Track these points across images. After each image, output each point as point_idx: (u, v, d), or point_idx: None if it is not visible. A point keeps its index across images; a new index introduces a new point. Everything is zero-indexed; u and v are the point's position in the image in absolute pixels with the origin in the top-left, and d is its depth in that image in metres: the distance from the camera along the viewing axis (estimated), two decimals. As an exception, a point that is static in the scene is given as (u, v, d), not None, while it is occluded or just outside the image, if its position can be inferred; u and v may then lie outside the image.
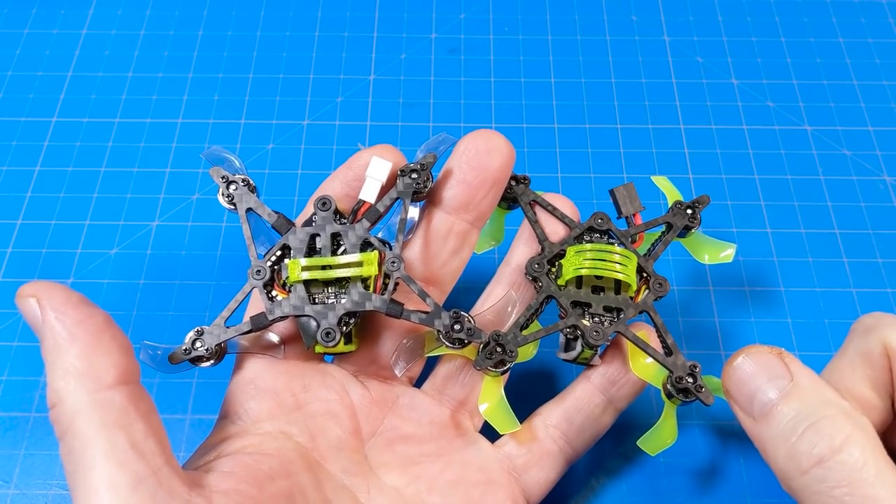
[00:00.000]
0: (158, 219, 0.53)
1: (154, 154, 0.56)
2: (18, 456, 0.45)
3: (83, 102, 0.59)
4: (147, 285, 0.51)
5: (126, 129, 0.57)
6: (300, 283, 0.35)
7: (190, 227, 0.53)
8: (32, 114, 0.58)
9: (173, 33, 0.63)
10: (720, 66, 0.61)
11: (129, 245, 0.52)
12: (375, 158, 0.37)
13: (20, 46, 0.62)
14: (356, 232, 0.36)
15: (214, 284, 0.51)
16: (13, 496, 0.44)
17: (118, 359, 0.29)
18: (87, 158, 0.56)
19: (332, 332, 0.35)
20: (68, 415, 0.28)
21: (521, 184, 0.41)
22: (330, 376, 0.37)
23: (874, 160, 0.56)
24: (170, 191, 0.55)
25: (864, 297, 0.51)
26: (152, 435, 0.28)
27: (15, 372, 0.47)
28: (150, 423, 0.28)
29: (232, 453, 0.32)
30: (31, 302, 0.29)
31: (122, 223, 0.53)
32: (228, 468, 0.31)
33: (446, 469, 0.37)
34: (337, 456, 0.35)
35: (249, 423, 0.34)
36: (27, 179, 0.55)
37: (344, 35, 0.63)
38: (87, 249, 0.52)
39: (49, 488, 0.44)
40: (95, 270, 0.51)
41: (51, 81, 0.60)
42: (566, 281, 0.39)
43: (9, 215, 0.53)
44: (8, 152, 0.56)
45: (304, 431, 0.35)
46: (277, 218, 0.37)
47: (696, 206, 0.41)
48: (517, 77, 0.61)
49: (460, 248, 0.39)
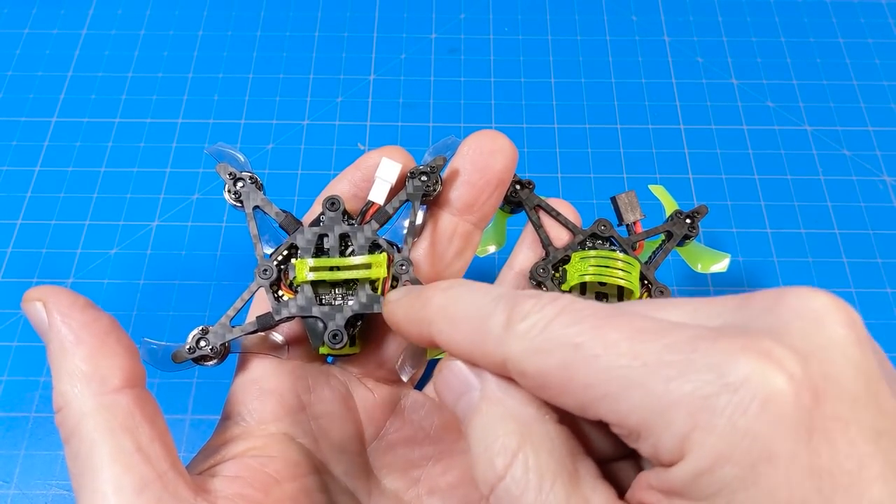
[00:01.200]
0: (158, 219, 0.53)
1: (154, 154, 0.56)
2: (18, 456, 0.45)
3: (83, 102, 0.59)
4: (147, 285, 0.51)
5: (126, 129, 0.57)
6: (307, 284, 0.35)
7: (190, 227, 0.53)
8: (32, 114, 0.58)
9: (173, 33, 0.63)
10: (720, 66, 0.61)
11: (129, 245, 0.52)
12: (385, 160, 0.36)
13: (20, 46, 0.62)
14: (365, 233, 0.36)
15: (214, 284, 0.51)
16: (13, 496, 0.44)
17: (124, 362, 0.29)
18: (87, 158, 0.56)
19: (340, 334, 0.35)
20: (74, 418, 0.28)
21: (526, 188, 0.41)
22: (334, 378, 0.37)
23: (874, 160, 0.57)
24: (170, 191, 0.54)
25: (863, 296, 0.51)
26: (158, 438, 0.28)
27: (15, 372, 0.47)
28: (155, 426, 0.28)
29: (237, 456, 0.32)
30: (37, 306, 0.29)
31: (122, 223, 0.53)
32: (234, 472, 0.31)
33: (447, 472, 0.37)
34: (340, 458, 0.35)
35: (253, 424, 0.34)
36: (27, 179, 0.55)
37: (344, 35, 0.63)
38: (87, 249, 0.52)
39: (49, 488, 0.44)
40: (95, 270, 0.51)
41: (51, 81, 0.60)
42: (570, 287, 0.39)
43: (9, 215, 0.53)
44: (8, 152, 0.56)
45: (307, 433, 0.35)
46: (285, 217, 0.36)
47: (694, 216, 0.41)
48: (517, 77, 0.61)
49: (464, 250, 0.39)
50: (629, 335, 0.22)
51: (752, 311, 0.23)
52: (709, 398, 0.21)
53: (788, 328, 0.22)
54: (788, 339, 0.22)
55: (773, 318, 0.22)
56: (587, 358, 0.22)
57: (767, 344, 0.21)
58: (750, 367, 0.21)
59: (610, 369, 0.22)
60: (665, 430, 0.21)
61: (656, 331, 0.22)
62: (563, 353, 0.23)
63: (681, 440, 0.21)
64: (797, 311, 0.22)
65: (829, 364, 0.21)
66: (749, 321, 0.23)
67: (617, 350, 0.22)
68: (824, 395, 0.21)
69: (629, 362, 0.22)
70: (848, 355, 0.22)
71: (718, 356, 0.21)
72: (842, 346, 0.22)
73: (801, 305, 0.22)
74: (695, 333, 0.22)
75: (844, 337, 0.22)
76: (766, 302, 0.23)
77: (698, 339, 0.22)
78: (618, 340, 0.22)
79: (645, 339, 0.22)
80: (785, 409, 0.20)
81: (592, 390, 0.22)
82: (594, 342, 0.22)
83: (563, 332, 0.23)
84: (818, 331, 0.22)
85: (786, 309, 0.23)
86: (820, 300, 0.22)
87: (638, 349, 0.22)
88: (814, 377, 0.21)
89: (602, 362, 0.22)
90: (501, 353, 0.24)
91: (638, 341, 0.22)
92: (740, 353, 0.21)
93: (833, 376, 0.21)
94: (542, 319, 0.24)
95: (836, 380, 0.21)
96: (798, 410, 0.20)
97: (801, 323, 0.22)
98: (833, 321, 0.22)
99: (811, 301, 0.22)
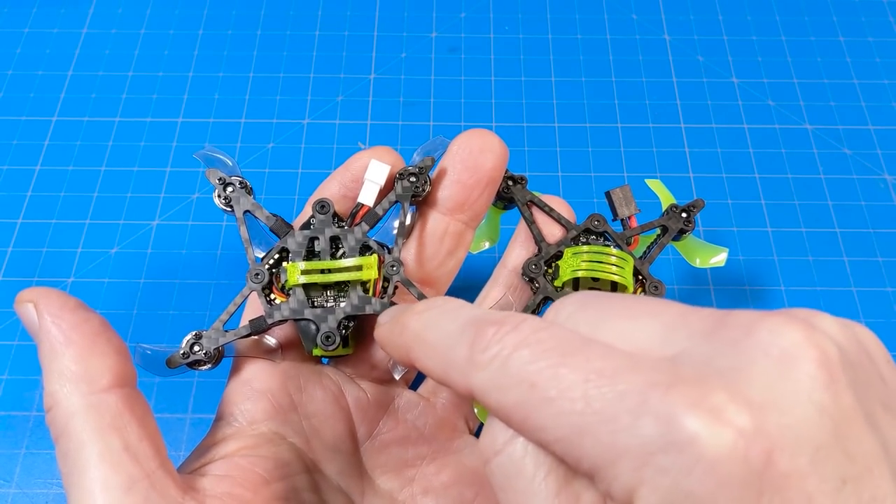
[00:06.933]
0: (159, 218, 0.53)
1: (154, 153, 0.56)
2: (19, 455, 0.45)
3: (83, 101, 0.59)
4: (147, 285, 0.51)
5: (126, 128, 0.57)
6: (299, 287, 0.35)
7: (190, 227, 0.53)
8: (33, 113, 0.58)
9: (173, 32, 0.63)
10: (721, 64, 0.61)
11: (130, 244, 0.52)
12: (374, 161, 0.36)
13: (20, 45, 0.62)
14: (355, 235, 0.36)
15: (214, 284, 0.51)
16: (14, 495, 0.44)
17: (113, 362, 0.29)
18: (87, 157, 0.56)
19: (332, 336, 0.35)
20: (63, 417, 0.28)
21: (519, 184, 0.41)
22: (326, 377, 0.37)
23: (874, 159, 0.56)
24: (170, 190, 0.55)
25: (864, 295, 0.51)
26: (147, 438, 0.28)
27: (15, 371, 0.48)
28: (144, 426, 0.29)
29: (227, 456, 0.32)
30: (28, 307, 0.29)
31: (123, 222, 0.53)
32: (223, 471, 0.31)
33: (441, 471, 0.37)
34: (332, 458, 0.35)
35: (245, 424, 0.34)
36: (27, 179, 0.55)
37: (344, 34, 0.63)
38: (88, 249, 0.52)
39: (49, 487, 0.44)
40: (95, 270, 0.51)
41: (51, 80, 0.60)
42: (563, 282, 0.39)
43: (9, 215, 0.53)
44: (8, 151, 0.56)
45: (299, 433, 0.35)
46: (275, 220, 0.36)
47: (690, 210, 0.41)
48: (517, 76, 0.61)
49: (456, 249, 0.39)
50: (584, 377, 0.22)
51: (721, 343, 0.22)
52: (654, 455, 0.20)
53: (751, 371, 0.21)
54: (747, 386, 0.21)
55: (739, 356, 0.21)
56: (541, 400, 0.22)
57: (720, 398, 0.20)
58: (698, 424, 0.20)
59: (562, 415, 0.21)
60: (613, 480, 0.21)
61: (612, 374, 0.21)
62: (520, 392, 0.22)
63: (628, 492, 0.20)
64: (765, 349, 0.21)
65: (789, 413, 0.20)
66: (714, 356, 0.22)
67: (571, 395, 0.21)
68: (780, 449, 0.19)
69: (582, 409, 0.21)
70: (814, 399, 0.20)
71: (668, 409, 0.20)
72: (808, 390, 0.20)
73: (770, 342, 0.21)
74: (649, 381, 0.21)
75: (812, 379, 0.21)
76: (737, 332, 0.22)
77: (652, 387, 0.21)
78: (573, 384, 0.22)
79: (600, 383, 0.21)
80: (731, 470, 0.19)
81: (546, 433, 0.22)
82: (550, 383, 0.22)
83: (520, 369, 0.23)
84: (782, 374, 0.21)
85: (754, 345, 0.21)
86: (791, 336, 0.21)
87: (591, 394, 0.21)
88: (768, 432, 0.20)
89: (555, 407, 0.22)
90: (466, 385, 0.24)
91: (593, 385, 0.21)
92: (690, 409, 0.20)
93: (792, 426, 0.20)
94: (503, 351, 0.23)
95: (796, 430, 0.20)
96: (746, 471, 0.19)
97: (765, 364, 0.21)
98: (803, 360, 0.21)
99: (782, 337, 0.21)
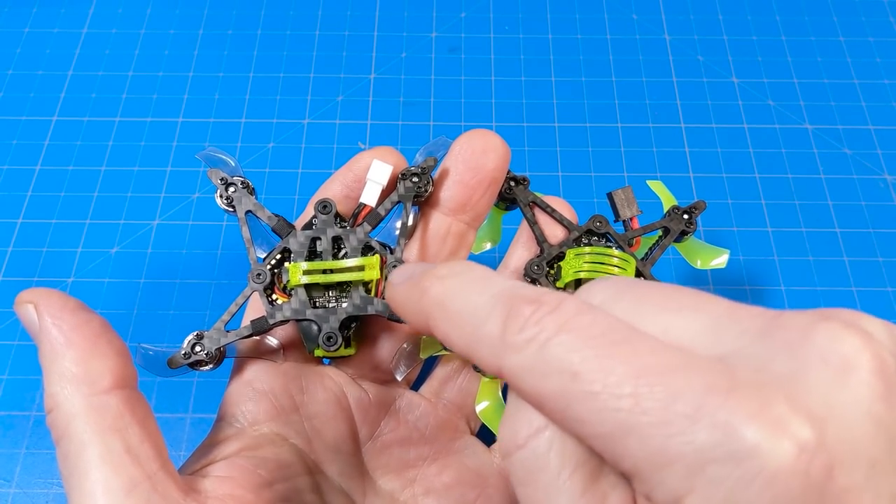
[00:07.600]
0: (159, 218, 0.53)
1: (154, 153, 0.56)
2: (19, 455, 0.45)
3: (83, 101, 0.59)
4: (147, 284, 0.51)
5: (126, 128, 0.57)
6: (301, 287, 0.35)
7: (190, 226, 0.53)
8: (33, 113, 0.58)
9: (174, 32, 0.63)
10: (721, 64, 0.61)
11: (130, 244, 0.52)
12: (376, 162, 0.36)
13: (21, 45, 0.62)
14: (357, 235, 0.36)
15: (215, 284, 0.51)
16: (14, 495, 0.44)
17: (114, 363, 0.29)
18: (87, 157, 0.56)
19: (334, 337, 0.35)
20: (64, 419, 0.28)
21: (521, 185, 0.41)
22: (328, 378, 0.37)
23: (875, 159, 0.56)
24: (170, 190, 0.55)
25: (864, 295, 0.51)
26: (148, 439, 0.28)
27: (15, 371, 0.48)
28: (145, 427, 0.28)
29: (228, 457, 0.32)
30: (28, 308, 0.29)
31: (123, 222, 0.53)
32: (225, 472, 0.31)
33: (442, 472, 0.37)
34: (334, 459, 0.35)
35: (246, 425, 0.34)
36: (28, 178, 0.55)
37: (344, 34, 0.63)
38: (88, 249, 0.52)
39: (50, 487, 0.44)
40: (96, 270, 0.51)
41: (51, 80, 0.60)
42: (565, 283, 0.39)
43: (9, 214, 0.53)
44: (8, 151, 0.56)
45: (301, 434, 0.35)
46: (277, 221, 0.36)
47: (692, 212, 0.41)
48: (518, 76, 0.61)
49: (458, 250, 0.39)
50: (634, 372, 0.20)
51: (775, 344, 0.21)
52: (709, 464, 0.19)
53: (809, 379, 0.20)
54: (807, 395, 0.20)
55: (796, 361, 0.20)
56: (585, 393, 0.20)
57: (781, 409, 0.19)
58: (760, 436, 0.19)
59: (607, 411, 0.20)
60: (659, 484, 0.20)
61: (664, 372, 0.20)
62: (560, 381, 0.21)
63: (674, 499, 0.19)
64: (823, 356, 0.20)
65: (848, 426, 0.19)
66: (770, 359, 0.21)
67: (618, 391, 0.20)
68: (839, 464, 0.19)
69: (630, 407, 0.20)
70: (872, 412, 0.19)
71: (727, 417, 0.19)
72: (867, 402, 0.20)
73: (828, 349, 0.20)
74: (705, 384, 0.20)
75: (871, 390, 0.20)
76: (793, 334, 0.21)
77: (709, 391, 0.19)
78: (620, 379, 0.20)
79: (651, 381, 0.20)
80: (792, 484, 0.18)
81: (586, 427, 0.21)
82: (594, 376, 0.20)
83: (562, 356, 0.21)
84: (842, 384, 0.20)
85: (811, 350, 0.20)
86: (850, 343, 0.20)
87: (641, 393, 0.20)
88: (829, 445, 0.19)
89: (600, 402, 0.20)
90: (497, 365, 0.23)
91: (643, 383, 0.20)
92: (751, 419, 0.19)
93: (851, 440, 0.19)
94: (541, 334, 0.21)
95: (854, 444, 0.19)
96: (807, 486, 0.18)
97: (825, 373, 0.20)
98: (861, 370, 0.20)
99: (840, 344, 0.20)
